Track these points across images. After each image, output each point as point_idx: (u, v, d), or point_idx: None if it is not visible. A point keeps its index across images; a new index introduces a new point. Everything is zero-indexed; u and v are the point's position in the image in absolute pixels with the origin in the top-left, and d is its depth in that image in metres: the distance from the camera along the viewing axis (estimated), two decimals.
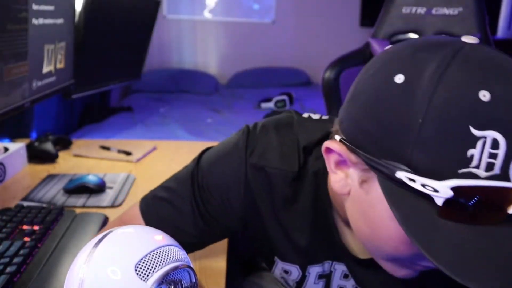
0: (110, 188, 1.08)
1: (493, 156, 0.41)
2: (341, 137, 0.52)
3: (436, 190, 0.43)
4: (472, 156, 0.41)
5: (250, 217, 0.66)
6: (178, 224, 0.67)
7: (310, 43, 4.29)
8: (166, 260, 0.46)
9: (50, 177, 1.14)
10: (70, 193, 1.04)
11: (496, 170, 0.42)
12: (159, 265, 0.45)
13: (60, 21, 1.19)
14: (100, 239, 0.48)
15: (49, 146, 1.27)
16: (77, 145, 1.44)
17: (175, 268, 0.46)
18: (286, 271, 0.70)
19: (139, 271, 0.44)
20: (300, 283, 0.70)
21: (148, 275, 0.44)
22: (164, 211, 0.68)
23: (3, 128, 1.48)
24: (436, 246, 0.43)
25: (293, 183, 0.63)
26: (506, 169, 0.42)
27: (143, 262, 0.45)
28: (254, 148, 0.64)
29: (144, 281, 0.44)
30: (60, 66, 1.23)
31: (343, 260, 0.66)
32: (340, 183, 0.54)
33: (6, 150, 1.16)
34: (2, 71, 0.90)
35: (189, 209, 0.66)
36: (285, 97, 3.28)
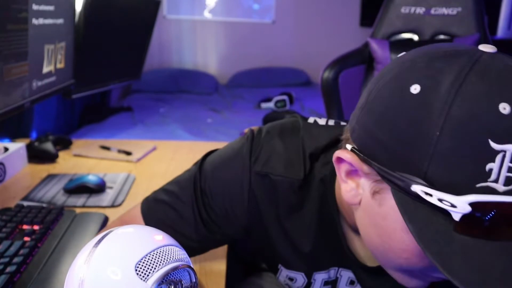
0: (110, 188, 1.08)
1: None
2: (352, 146, 0.50)
3: (453, 205, 0.42)
4: (490, 170, 0.40)
5: (254, 224, 0.65)
6: (178, 228, 0.66)
7: (310, 43, 4.29)
8: (166, 260, 0.46)
9: (50, 177, 1.14)
10: (70, 193, 1.04)
11: None
12: (159, 265, 0.45)
13: (60, 21, 1.19)
14: (100, 239, 0.48)
15: (49, 146, 1.27)
16: (77, 145, 1.44)
17: (175, 268, 0.46)
18: (291, 279, 0.69)
19: (139, 271, 0.44)
20: None
21: (148, 275, 0.44)
22: (164, 215, 0.67)
23: (3, 128, 1.48)
24: (451, 260, 0.42)
25: (298, 190, 0.62)
26: None
27: (143, 262, 0.45)
28: (259, 155, 0.63)
29: (144, 281, 0.44)
30: (60, 66, 1.23)
31: (350, 267, 0.65)
32: (351, 193, 0.53)
33: (6, 150, 1.16)
34: (2, 71, 0.90)
35: (190, 214, 0.66)
36: (285, 97, 3.28)
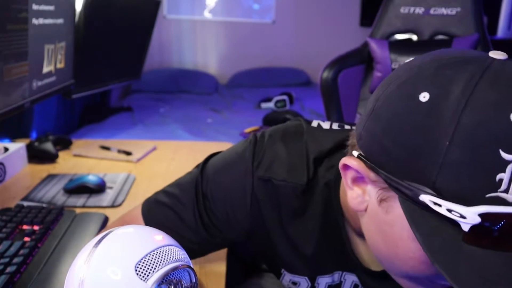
0: (110, 188, 1.08)
1: None
2: (359, 153, 0.50)
3: (463, 216, 0.41)
4: (501, 180, 0.40)
5: (256, 229, 0.65)
6: (179, 230, 0.66)
7: (310, 43, 4.30)
8: (166, 260, 0.46)
9: (50, 177, 1.14)
10: (70, 193, 1.04)
11: None
12: (159, 265, 0.45)
13: (60, 21, 1.19)
14: (100, 239, 0.48)
15: (49, 146, 1.27)
16: (77, 145, 1.44)
17: (175, 268, 0.46)
18: (294, 283, 0.68)
19: (139, 271, 0.44)
20: None
21: (148, 275, 0.44)
22: (165, 217, 0.67)
23: (3, 128, 1.48)
24: (459, 270, 0.42)
25: (301, 195, 0.61)
26: None
27: (143, 262, 0.45)
28: (262, 159, 0.62)
29: (144, 281, 0.44)
30: (60, 66, 1.23)
31: (354, 271, 0.65)
32: (357, 200, 0.52)
33: (6, 150, 1.16)
34: (2, 71, 0.90)
35: (191, 217, 0.65)
36: (285, 97, 3.28)
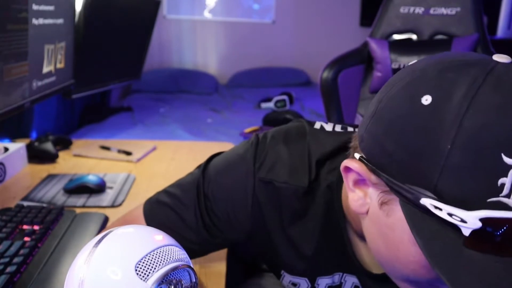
0: (110, 188, 1.08)
1: None
2: (360, 155, 0.50)
3: (463, 221, 0.41)
4: (503, 185, 0.39)
5: (256, 230, 0.65)
6: (180, 231, 0.66)
7: (310, 43, 4.30)
8: (166, 260, 0.46)
9: (50, 177, 1.14)
10: (70, 193, 1.04)
11: None
12: (159, 265, 0.45)
13: (60, 21, 1.19)
14: (100, 239, 0.48)
15: (49, 146, 1.27)
16: (77, 145, 1.44)
17: (175, 268, 0.46)
18: (294, 284, 0.69)
19: (139, 271, 0.44)
20: None
21: (148, 275, 0.44)
22: (166, 217, 0.67)
23: (3, 128, 1.48)
24: (459, 275, 0.41)
25: (302, 197, 0.61)
26: None
27: (143, 262, 0.45)
28: (263, 160, 0.62)
29: (144, 281, 0.44)
30: (60, 66, 1.23)
31: (355, 273, 0.65)
32: (358, 202, 0.52)
33: (6, 150, 1.16)
34: (2, 71, 0.90)
35: (192, 217, 0.66)
36: (285, 97, 3.28)
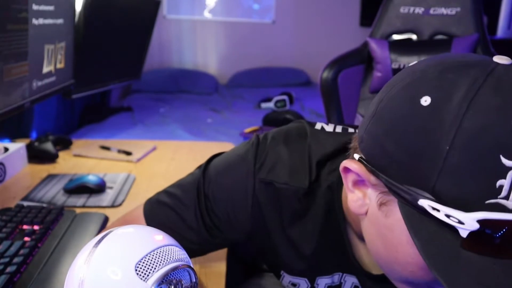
0: (110, 188, 1.08)
1: None
2: (360, 156, 0.50)
3: (461, 222, 0.41)
4: (501, 187, 0.39)
5: (256, 230, 0.65)
6: (180, 231, 0.66)
7: (310, 43, 4.30)
8: (166, 260, 0.46)
9: (50, 177, 1.14)
10: (70, 193, 1.04)
11: None
12: (159, 265, 0.45)
13: (60, 21, 1.19)
14: (100, 239, 0.48)
15: (49, 146, 1.27)
16: (77, 145, 1.44)
17: (175, 268, 0.46)
18: (294, 284, 0.69)
19: (139, 271, 0.44)
20: None
21: (148, 275, 0.44)
22: (166, 217, 0.67)
23: (3, 128, 1.48)
24: (456, 277, 0.41)
25: (303, 198, 0.61)
26: None
27: (143, 262, 0.45)
28: (264, 161, 0.62)
29: (144, 281, 0.44)
30: (60, 66, 1.23)
31: (355, 273, 0.65)
32: (357, 203, 0.52)
33: (6, 150, 1.16)
34: (2, 71, 0.90)
35: (192, 218, 0.66)
36: (285, 97, 3.28)
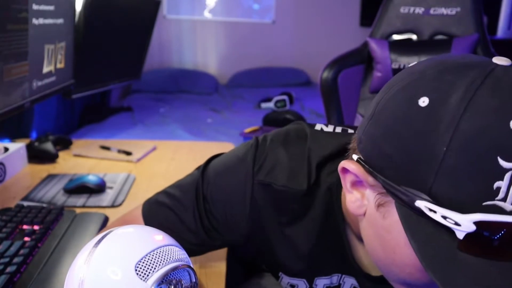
0: (110, 188, 1.08)
1: None
2: (358, 157, 0.49)
3: (457, 224, 0.41)
4: (498, 188, 0.39)
5: (254, 232, 0.65)
6: (179, 232, 0.66)
7: (310, 43, 4.30)
8: (166, 260, 0.46)
9: (50, 177, 1.14)
10: (70, 193, 1.04)
11: None
12: (159, 265, 0.45)
13: (60, 21, 1.19)
14: (100, 239, 0.48)
15: (49, 146, 1.27)
16: (77, 145, 1.44)
17: (175, 268, 0.46)
18: (292, 285, 0.69)
19: (139, 271, 0.44)
20: None
21: (148, 275, 0.44)
22: (165, 218, 0.67)
23: (3, 128, 1.48)
24: (453, 279, 0.41)
25: (301, 200, 0.61)
26: None
27: (143, 262, 0.45)
28: (262, 164, 0.62)
29: (144, 281, 0.44)
30: (60, 66, 1.23)
31: (354, 275, 0.65)
32: (355, 204, 0.52)
33: (6, 150, 1.16)
34: (2, 71, 0.90)
35: (191, 219, 0.66)
36: (285, 97, 3.28)
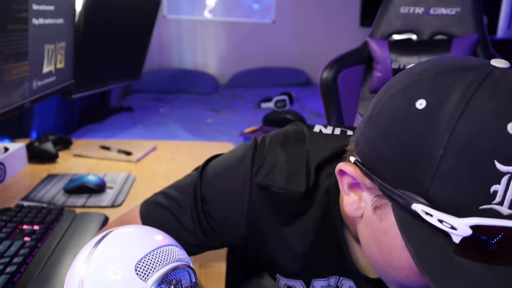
0: (110, 188, 1.08)
1: None
2: (355, 159, 0.49)
3: (454, 228, 0.40)
4: (495, 192, 0.39)
5: (252, 233, 0.65)
6: (176, 233, 0.65)
7: (310, 43, 4.30)
8: (166, 260, 0.46)
9: (50, 177, 1.14)
10: (70, 193, 1.04)
11: None
12: (159, 265, 0.45)
13: (60, 21, 1.19)
14: (100, 239, 0.48)
15: (49, 146, 1.27)
16: (77, 145, 1.44)
17: (175, 268, 0.46)
18: (290, 287, 0.68)
19: (139, 271, 0.44)
20: None
21: (148, 275, 0.44)
22: (163, 219, 0.67)
23: (3, 128, 1.48)
24: (449, 283, 0.41)
25: (300, 202, 0.61)
26: None
27: (143, 262, 0.45)
28: (261, 165, 0.62)
29: (144, 281, 0.44)
30: (60, 66, 1.23)
31: (351, 277, 0.65)
32: (353, 206, 0.52)
33: (6, 150, 1.16)
34: (2, 71, 0.90)
35: (189, 220, 0.66)
36: (285, 97, 3.28)
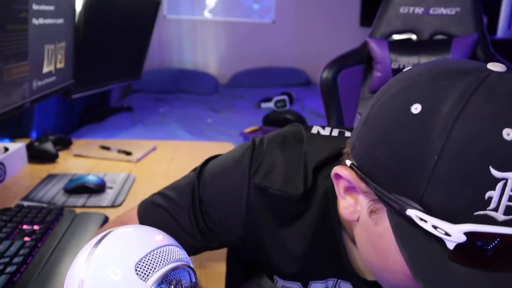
0: (110, 188, 1.08)
1: None
2: (351, 162, 0.49)
3: (448, 234, 0.40)
4: (490, 198, 0.38)
5: (250, 234, 0.65)
6: (174, 233, 0.64)
7: (310, 43, 4.30)
8: (166, 260, 0.46)
9: (50, 177, 1.14)
10: (70, 193, 1.04)
11: None
12: (159, 265, 0.45)
13: (60, 21, 1.19)
14: (100, 239, 0.48)
15: (49, 146, 1.27)
16: (77, 145, 1.44)
17: (175, 268, 0.46)
18: None
19: (139, 271, 0.44)
20: None
21: (148, 275, 0.44)
22: (161, 220, 0.67)
23: (3, 128, 1.48)
24: None
25: (297, 204, 0.61)
26: None
27: (143, 262, 0.45)
28: (259, 166, 0.62)
29: (144, 281, 0.44)
30: (60, 66, 1.23)
31: (349, 279, 0.65)
32: (349, 209, 0.52)
33: (6, 150, 1.16)
34: (2, 71, 0.90)
35: (186, 221, 0.66)
36: (285, 97, 3.28)
